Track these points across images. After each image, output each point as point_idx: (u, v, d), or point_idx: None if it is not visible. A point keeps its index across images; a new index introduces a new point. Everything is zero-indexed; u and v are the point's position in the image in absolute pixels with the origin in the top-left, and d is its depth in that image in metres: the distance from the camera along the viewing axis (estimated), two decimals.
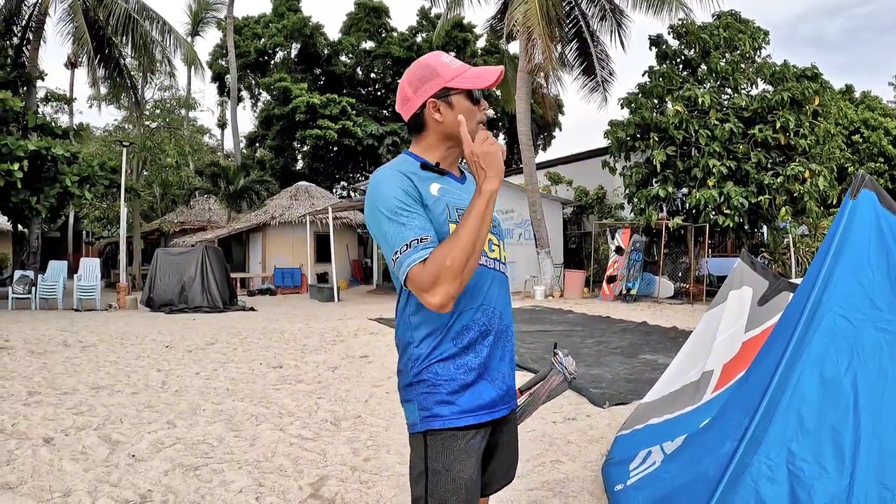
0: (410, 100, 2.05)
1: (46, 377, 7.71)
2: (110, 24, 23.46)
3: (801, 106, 17.65)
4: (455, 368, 1.93)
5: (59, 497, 3.95)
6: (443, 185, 2.00)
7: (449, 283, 1.75)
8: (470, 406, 1.93)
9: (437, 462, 1.91)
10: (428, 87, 2.01)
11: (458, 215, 1.93)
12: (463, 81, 2.01)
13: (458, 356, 1.94)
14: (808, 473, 2.35)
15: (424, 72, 2.03)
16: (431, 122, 2.03)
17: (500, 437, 2.12)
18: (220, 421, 5.72)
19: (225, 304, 17.98)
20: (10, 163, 16.46)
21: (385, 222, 1.85)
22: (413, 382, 1.96)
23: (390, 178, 1.91)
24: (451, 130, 2.01)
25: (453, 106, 2.00)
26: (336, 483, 4.20)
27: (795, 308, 2.75)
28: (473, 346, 1.95)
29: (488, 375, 1.97)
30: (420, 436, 1.95)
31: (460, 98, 2.01)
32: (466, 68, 2.04)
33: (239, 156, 38.33)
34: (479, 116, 2.05)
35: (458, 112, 1.99)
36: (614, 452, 4.30)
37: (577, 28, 22.86)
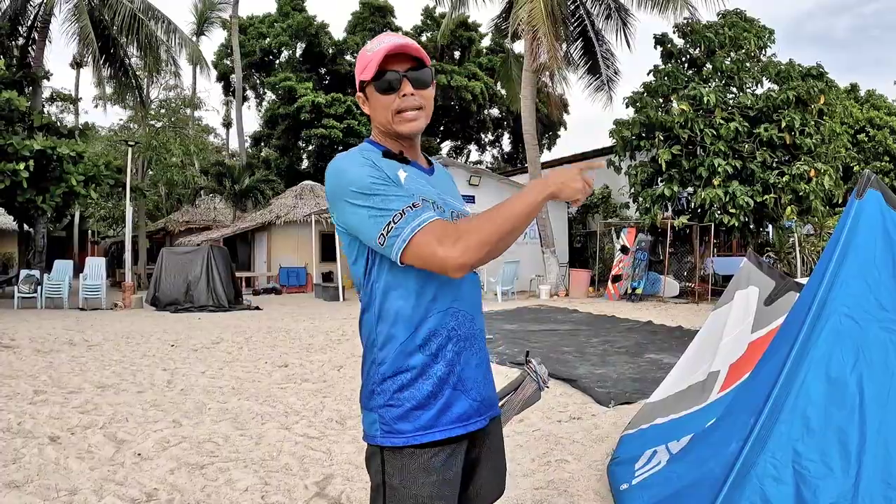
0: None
1: (52, 376, 7.74)
2: (115, 24, 23.50)
3: (806, 105, 17.61)
4: (422, 378, 1.74)
5: (65, 495, 3.97)
6: (409, 173, 1.81)
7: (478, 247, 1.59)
8: (437, 421, 1.74)
9: (394, 478, 1.73)
10: (357, 82, 1.89)
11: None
12: (361, 73, 1.84)
13: (427, 365, 1.75)
14: (814, 473, 2.34)
15: (356, 65, 1.88)
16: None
17: (483, 451, 1.92)
18: (225, 420, 5.73)
19: (230, 303, 18.00)
20: (16, 162, 16.49)
21: (360, 205, 1.67)
22: (374, 391, 1.77)
23: (354, 160, 1.74)
24: (376, 122, 1.87)
25: (369, 99, 1.87)
26: (342, 482, 4.20)
27: (801, 308, 2.74)
28: (442, 353, 1.76)
29: (461, 385, 1.78)
30: (377, 448, 1.77)
31: (371, 90, 1.84)
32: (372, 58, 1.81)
33: (244, 155, 38.36)
34: (395, 106, 1.82)
35: (374, 105, 1.86)
36: (620, 452, 4.30)
37: (582, 27, 22.83)
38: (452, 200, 1.93)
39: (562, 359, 8.70)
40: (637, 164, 19.07)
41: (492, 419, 1.92)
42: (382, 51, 1.78)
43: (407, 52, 1.81)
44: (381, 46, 1.79)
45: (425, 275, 1.72)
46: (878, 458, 2.28)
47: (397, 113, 1.82)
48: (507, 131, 47.48)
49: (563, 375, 7.52)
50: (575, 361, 8.49)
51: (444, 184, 1.97)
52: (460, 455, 1.80)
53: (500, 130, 47.78)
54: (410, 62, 1.83)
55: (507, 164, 45.34)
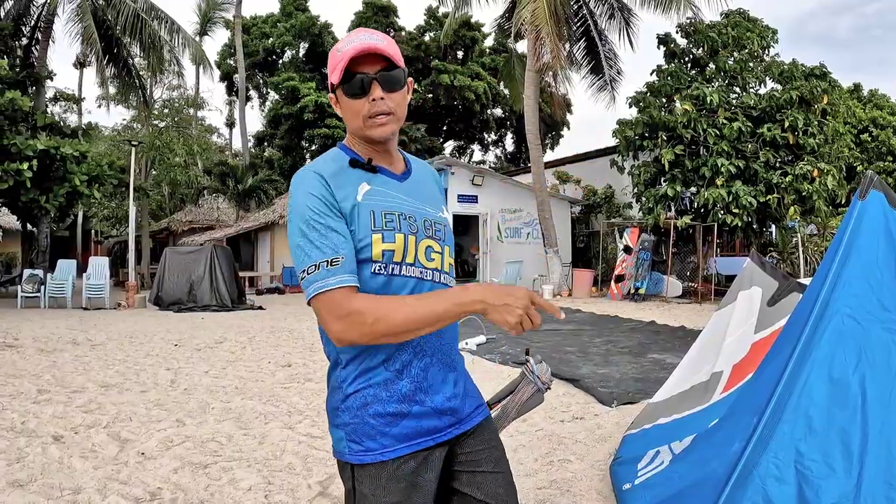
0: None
1: (56, 375, 7.76)
2: (119, 24, 23.51)
3: (809, 105, 17.60)
4: (387, 395, 1.71)
5: (69, 494, 3.98)
6: (373, 186, 1.76)
7: (358, 331, 1.58)
8: (404, 436, 1.71)
9: (364, 485, 1.71)
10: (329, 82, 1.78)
11: (384, 222, 1.71)
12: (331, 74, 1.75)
13: (391, 382, 1.72)
14: (816, 473, 2.35)
15: (328, 63, 1.77)
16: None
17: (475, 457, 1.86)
18: (228, 419, 5.75)
19: (233, 302, 18.02)
20: (20, 162, 16.52)
21: (297, 234, 1.65)
22: (340, 408, 1.74)
23: (307, 183, 1.69)
24: (348, 126, 1.79)
25: (340, 102, 1.78)
26: None
27: (804, 309, 2.75)
28: (408, 370, 1.73)
29: (429, 401, 1.75)
30: (346, 464, 1.74)
31: (341, 93, 1.75)
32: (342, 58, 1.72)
33: (247, 155, 38.41)
34: (365, 110, 1.74)
35: (344, 109, 1.78)
36: (622, 452, 4.30)
37: (585, 27, 22.84)
38: (425, 206, 1.85)
39: (565, 359, 8.71)
40: (640, 164, 19.07)
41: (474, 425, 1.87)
42: (350, 52, 1.70)
43: (378, 52, 1.72)
44: (349, 47, 1.70)
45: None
46: (881, 459, 2.28)
47: (368, 118, 1.74)
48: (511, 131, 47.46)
49: (565, 375, 7.52)
50: (578, 361, 8.50)
51: (419, 188, 1.89)
52: (434, 462, 1.77)
53: (504, 130, 47.76)
54: (382, 63, 1.73)
55: (511, 164, 45.33)
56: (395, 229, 1.72)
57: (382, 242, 1.69)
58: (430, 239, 1.79)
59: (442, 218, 1.88)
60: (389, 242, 1.70)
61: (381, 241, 1.69)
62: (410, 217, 1.77)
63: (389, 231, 1.71)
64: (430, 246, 1.79)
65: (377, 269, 1.69)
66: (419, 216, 1.80)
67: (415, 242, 1.75)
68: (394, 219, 1.73)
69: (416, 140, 38.05)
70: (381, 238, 1.69)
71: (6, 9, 23.15)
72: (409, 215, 1.77)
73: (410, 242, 1.73)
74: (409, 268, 1.72)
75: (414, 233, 1.75)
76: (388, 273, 1.70)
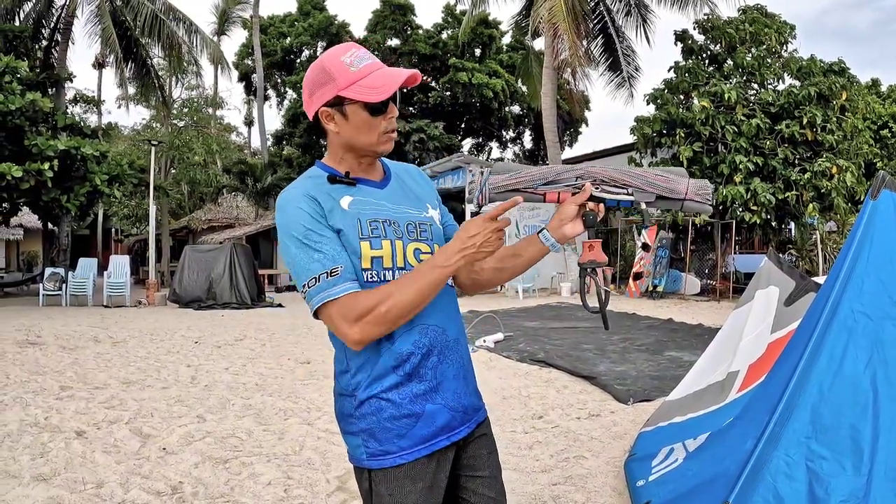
0: (307, 103, 1.82)
1: (78, 372, 7.87)
2: (137, 25, 23.71)
3: (828, 101, 17.46)
4: (400, 398, 1.75)
5: (92, 488, 4.05)
6: (356, 197, 1.80)
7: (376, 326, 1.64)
8: (422, 437, 1.76)
9: (381, 486, 1.76)
10: (322, 94, 1.76)
11: (370, 229, 1.76)
12: (358, 91, 1.72)
13: (403, 385, 1.75)
14: (826, 471, 2.37)
15: (319, 75, 1.77)
16: (329, 131, 1.80)
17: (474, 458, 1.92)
18: (248, 415, 5.81)
19: (253, 300, 18.14)
20: (41, 162, 16.70)
21: (293, 249, 1.70)
22: (354, 415, 1.77)
23: (294, 200, 1.74)
24: (349, 142, 1.79)
25: (348, 117, 1.76)
26: None
27: (817, 307, 2.77)
28: (417, 372, 1.76)
29: (441, 398, 1.79)
30: (364, 469, 1.79)
31: (357, 109, 1.74)
32: (366, 73, 1.74)
33: (266, 154, 38.56)
34: (382, 127, 1.78)
35: (355, 125, 1.76)
36: (637, 449, 4.32)
37: (603, 24, 22.80)
38: (408, 210, 1.88)
39: (582, 356, 8.72)
40: (658, 161, 18.97)
41: (478, 424, 1.94)
42: (399, 79, 1.74)
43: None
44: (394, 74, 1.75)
45: None
46: (891, 456, 2.30)
47: (383, 133, 1.79)
48: (529, 128, 47.31)
49: (582, 372, 7.54)
50: (595, 359, 8.51)
51: (399, 192, 1.92)
52: (446, 463, 1.83)
53: (521, 127, 47.62)
54: None
55: (529, 162, 45.24)
56: (380, 236, 1.76)
57: (371, 249, 1.74)
58: (416, 242, 1.83)
59: (427, 217, 1.91)
60: (377, 249, 1.74)
61: (369, 248, 1.73)
62: (395, 223, 1.81)
63: (376, 238, 1.75)
64: (418, 248, 1.83)
65: (369, 277, 1.73)
66: (402, 220, 1.84)
67: (402, 247, 1.79)
68: (378, 226, 1.77)
69: (434, 138, 38.04)
70: (369, 245, 1.73)
71: (26, 11, 23.40)
72: (393, 221, 1.81)
73: (398, 247, 1.78)
74: (399, 272, 1.76)
75: (399, 237, 1.79)
76: (381, 279, 1.74)
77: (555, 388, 6.92)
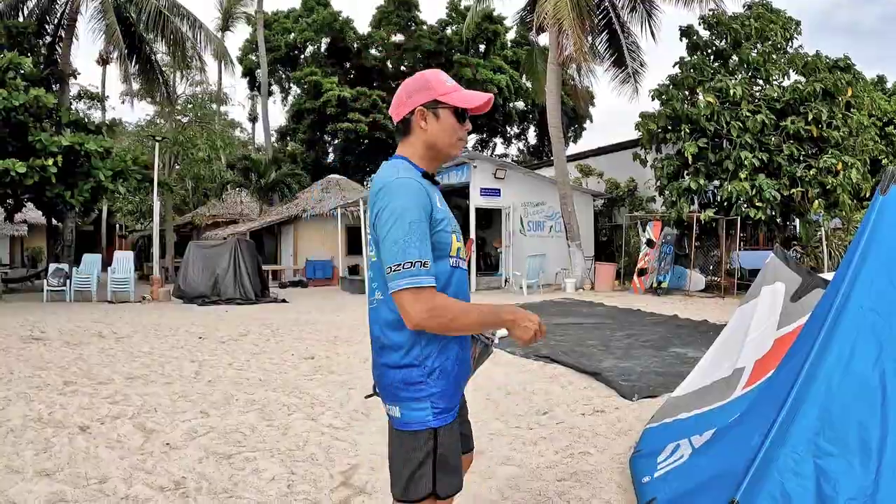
0: (402, 105, 2.19)
1: (82, 367, 7.86)
2: (141, 21, 23.71)
3: (833, 97, 17.39)
4: (459, 362, 2.15)
5: (95, 483, 4.04)
6: (439, 195, 2.18)
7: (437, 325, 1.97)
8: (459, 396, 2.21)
9: (444, 443, 2.08)
10: (420, 97, 2.16)
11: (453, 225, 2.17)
12: (452, 98, 2.17)
13: (460, 352, 2.16)
14: (835, 468, 2.35)
15: (420, 83, 2.18)
16: (417, 128, 2.17)
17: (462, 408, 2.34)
18: (252, 411, 5.80)
19: (257, 295, 18.14)
20: (45, 158, 16.71)
21: (398, 231, 1.95)
22: (426, 381, 2.06)
23: (412, 188, 2.02)
24: (433, 140, 2.18)
25: (439, 118, 2.16)
26: (367, 471, 4.25)
27: (825, 304, 2.74)
28: (450, 345, 2.12)
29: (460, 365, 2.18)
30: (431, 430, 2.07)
31: (447, 113, 2.17)
32: (457, 89, 2.20)
33: (270, 149, 38.57)
34: (460, 134, 2.21)
35: (443, 125, 2.17)
36: (642, 445, 4.30)
37: (608, 19, 22.70)
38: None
39: (587, 352, 8.69)
40: (663, 157, 18.93)
41: None
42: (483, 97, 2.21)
43: None
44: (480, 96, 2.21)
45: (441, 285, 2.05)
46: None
47: (458, 139, 2.22)
48: (533, 124, 47.35)
49: (587, 369, 7.52)
50: (600, 355, 8.48)
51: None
52: None
53: (526, 123, 47.65)
54: None
55: (533, 158, 45.25)
56: (456, 231, 2.17)
57: (456, 241, 2.14)
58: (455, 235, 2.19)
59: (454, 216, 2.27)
60: (458, 241, 2.16)
61: (455, 240, 2.14)
62: (455, 230, 2.19)
63: (455, 232, 2.16)
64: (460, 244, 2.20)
65: (453, 263, 2.13)
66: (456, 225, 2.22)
67: (456, 239, 2.16)
68: (453, 221, 2.17)
69: None
70: (455, 238, 2.14)
71: (29, 7, 23.40)
72: (455, 228, 2.19)
73: (457, 240, 2.17)
74: (461, 261, 2.17)
75: (455, 231, 2.17)
76: (457, 266, 2.15)
77: (559, 385, 6.89)
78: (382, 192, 2.02)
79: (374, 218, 2.04)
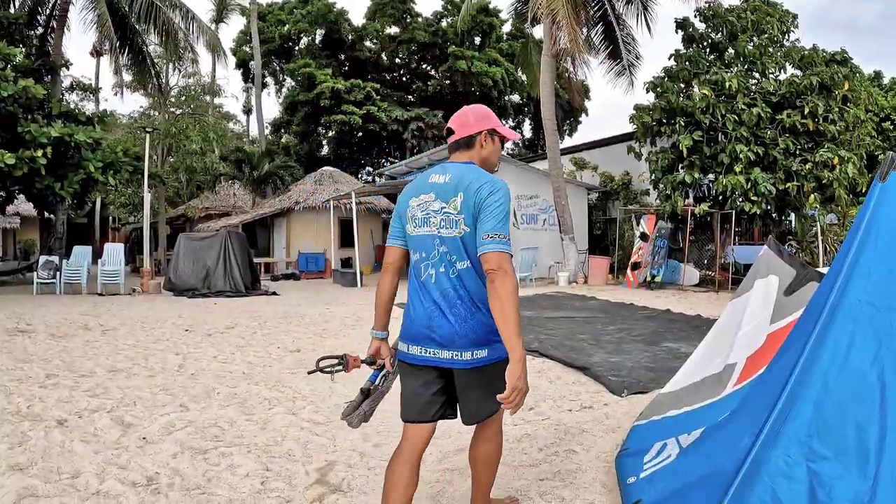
0: (470, 125, 2.92)
1: (65, 360, 7.76)
2: (133, 12, 23.53)
3: (830, 91, 17.29)
4: None
5: (68, 478, 3.96)
6: None
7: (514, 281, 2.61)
8: None
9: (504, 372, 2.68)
10: (484, 123, 2.93)
11: None
12: (503, 131, 3.01)
13: None
14: (829, 472, 2.22)
15: (484, 113, 2.98)
16: (478, 146, 2.93)
17: None
18: (233, 404, 5.70)
19: (247, 288, 18.00)
20: (34, 149, 16.55)
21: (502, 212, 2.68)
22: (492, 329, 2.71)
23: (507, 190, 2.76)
24: (487, 156, 2.96)
25: (494, 143, 2.97)
26: (343, 468, 4.14)
27: (821, 296, 2.60)
28: None
29: None
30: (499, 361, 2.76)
31: (498, 140, 2.99)
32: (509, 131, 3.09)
33: (263, 141, 38.41)
34: (499, 155, 3.04)
35: (496, 148, 2.98)
36: (629, 443, 4.16)
37: (603, 11, 22.53)
38: None
39: (577, 346, 8.58)
40: (658, 151, 18.83)
41: None
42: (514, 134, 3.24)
43: None
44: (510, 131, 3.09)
45: None
46: None
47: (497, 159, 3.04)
48: (528, 118, 47.21)
49: (576, 363, 7.39)
50: (590, 349, 8.37)
51: None
52: None
53: (521, 117, 47.53)
54: None
55: (528, 151, 45.09)
56: None
57: None
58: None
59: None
60: None
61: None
62: None
63: None
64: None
65: None
66: None
67: None
68: None
69: (432, 126, 37.91)
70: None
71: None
72: None
73: None
74: None
75: None
76: None
77: (547, 379, 6.77)
78: (490, 184, 2.72)
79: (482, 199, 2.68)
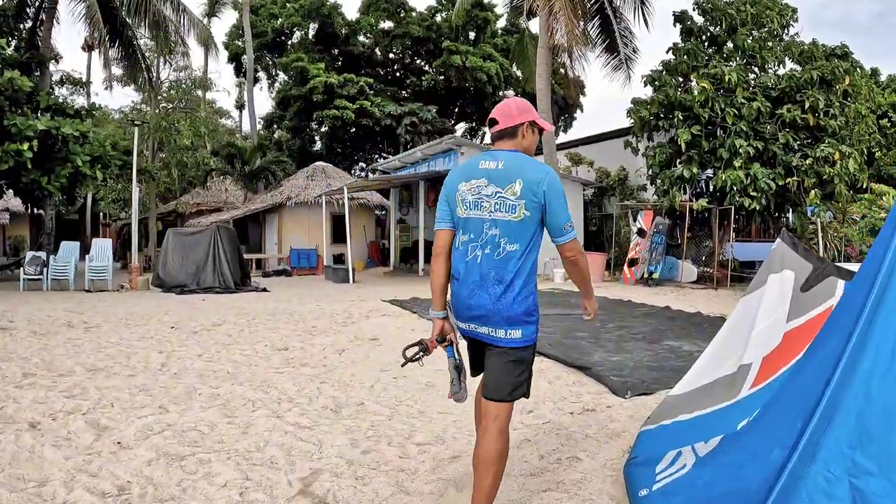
0: (514, 117, 3.11)
1: (45, 358, 7.48)
2: (124, 5, 23.26)
3: (830, 86, 17.09)
4: None
5: (34, 487, 3.70)
6: None
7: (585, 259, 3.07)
8: None
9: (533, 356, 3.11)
10: (527, 115, 3.13)
11: None
12: (541, 122, 3.20)
13: None
14: (875, 489, 1.96)
15: (526, 105, 3.17)
16: (520, 136, 3.13)
17: None
18: (214, 406, 5.41)
19: (237, 284, 17.73)
20: (20, 142, 16.25)
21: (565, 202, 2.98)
22: (538, 308, 3.01)
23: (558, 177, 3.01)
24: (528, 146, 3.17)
25: (534, 133, 3.19)
26: (329, 478, 3.85)
27: (857, 294, 2.32)
28: None
29: None
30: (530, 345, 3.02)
31: (537, 130, 3.20)
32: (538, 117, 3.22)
33: (255, 136, 38.14)
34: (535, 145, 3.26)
35: (535, 138, 3.21)
36: (638, 451, 3.88)
37: (599, 4, 22.30)
38: None
39: (575, 344, 8.32)
40: (655, 145, 18.59)
41: None
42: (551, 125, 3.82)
43: None
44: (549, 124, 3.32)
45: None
46: None
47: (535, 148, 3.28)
48: None
49: (576, 363, 7.13)
50: (589, 348, 8.11)
51: None
52: None
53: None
54: None
55: None
56: None
57: None
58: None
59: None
60: None
61: None
62: None
63: None
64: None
65: None
66: None
67: None
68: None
69: (426, 121, 37.65)
70: None
71: None
72: None
73: None
74: None
75: None
76: None
77: (546, 379, 6.48)
78: (551, 175, 2.95)
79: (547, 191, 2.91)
